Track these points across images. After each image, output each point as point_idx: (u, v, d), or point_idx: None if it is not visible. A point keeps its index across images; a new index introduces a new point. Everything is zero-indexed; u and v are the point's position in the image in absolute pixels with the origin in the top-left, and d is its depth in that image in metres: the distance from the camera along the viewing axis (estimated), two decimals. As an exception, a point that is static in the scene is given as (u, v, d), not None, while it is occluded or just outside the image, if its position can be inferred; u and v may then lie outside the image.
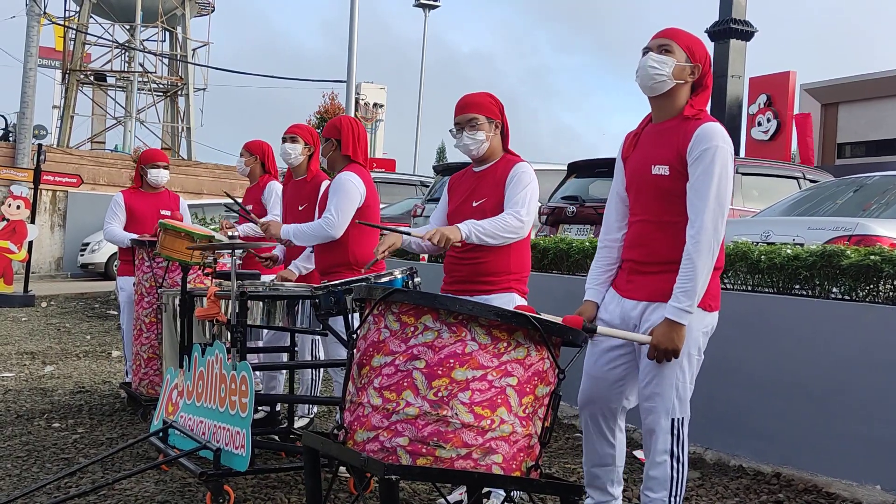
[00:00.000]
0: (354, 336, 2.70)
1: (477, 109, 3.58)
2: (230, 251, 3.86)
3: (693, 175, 2.79)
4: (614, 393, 3.02)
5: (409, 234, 3.48)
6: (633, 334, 2.86)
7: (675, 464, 2.87)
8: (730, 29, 16.60)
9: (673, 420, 2.86)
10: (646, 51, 2.93)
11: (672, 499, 2.88)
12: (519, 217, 3.45)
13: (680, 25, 3.03)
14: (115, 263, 15.57)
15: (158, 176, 6.00)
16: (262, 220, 4.65)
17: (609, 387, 3.02)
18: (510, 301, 3.54)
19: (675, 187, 2.84)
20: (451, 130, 3.67)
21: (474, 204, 3.61)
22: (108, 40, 34.30)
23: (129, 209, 5.98)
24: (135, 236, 5.76)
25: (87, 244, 17.75)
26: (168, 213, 5.96)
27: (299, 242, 4.40)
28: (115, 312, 11.25)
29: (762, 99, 19.42)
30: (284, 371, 5.15)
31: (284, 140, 4.98)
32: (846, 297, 4.27)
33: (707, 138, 2.78)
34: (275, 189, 5.47)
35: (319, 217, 4.36)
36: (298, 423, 4.92)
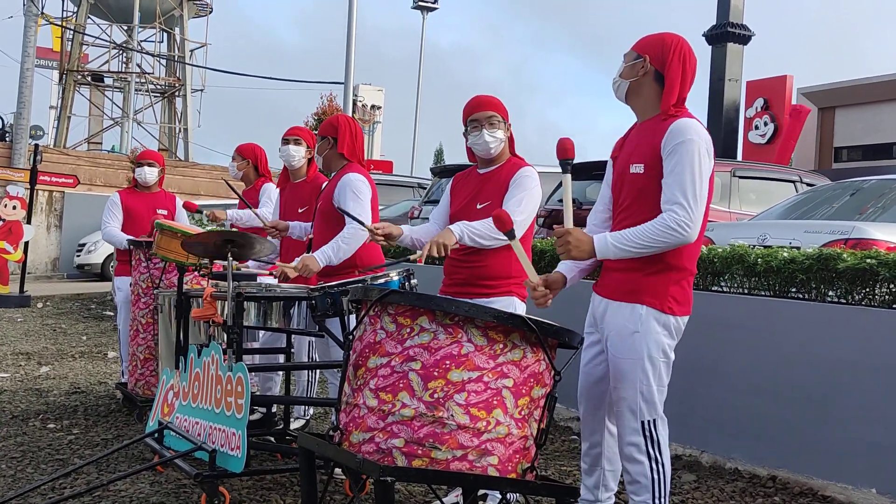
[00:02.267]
0: (350, 337, 2.69)
1: (495, 108, 3.59)
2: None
3: (667, 167, 2.78)
4: (597, 392, 3.04)
5: (408, 260, 3.46)
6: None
7: (653, 465, 2.87)
8: (727, 33, 16.62)
9: (643, 422, 2.86)
10: None
11: (656, 500, 2.88)
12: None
13: (678, 30, 3.04)
14: (112, 264, 15.58)
15: (143, 174, 6.01)
16: (298, 260, 4.21)
17: (592, 385, 3.06)
18: (510, 305, 3.53)
19: (649, 186, 2.84)
20: (466, 129, 3.63)
21: (479, 206, 3.58)
22: (106, 41, 34.30)
23: (125, 209, 5.99)
24: (132, 238, 5.76)
25: (84, 245, 17.74)
26: (164, 212, 5.97)
27: (344, 257, 4.20)
28: (112, 313, 11.23)
29: (759, 102, 19.47)
30: (281, 372, 5.15)
31: (287, 142, 4.95)
32: (842, 301, 4.27)
33: (680, 133, 2.77)
34: (268, 190, 5.46)
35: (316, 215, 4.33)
36: (294, 425, 4.91)
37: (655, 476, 2.87)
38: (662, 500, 2.88)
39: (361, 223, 3.65)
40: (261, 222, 4.87)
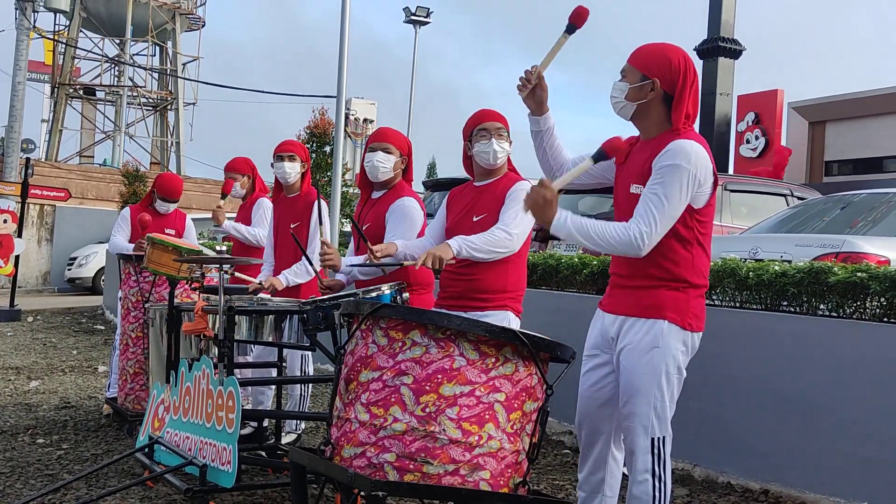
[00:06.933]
0: (342, 351, 2.69)
1: (504, 122, 3.66)
2: (218, 266, 3.84)
3: (651, 181, 2.74)
4: (602, 416, 2.98)
5: (402, 265, 3.47)
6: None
7: (657, 483, 2.82)
8: (718, 47, 16.75)
9: (653, 439, 2.82)
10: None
11: None
12: (508, 232, 3.44)
13: (668, 43, 3.00)
14: (103, 277, 15.57)
15: (167, 209, 6.02)
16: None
17: (596, 409, 2.99)
18: (504, 319, 3.52)
19: None
20: (470, 138, 3.65)
21: (475, 219, 3.60)
22: (98, 54, 34.32)
23: (134, 225, 5.97)
24: (121, 252, 5.74)
25: (75, 258, 17.71)
26: (172, 231, 5.93)
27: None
28: (102, 327, 11.19)
29: (750, 117, 19.58)
30: (273, 386, 5.12)
31: (282, 158, 4.91)
32: (833, 314, 4.28)
33: (674, 155, 2.72)
34: (263, 205, 5.43)
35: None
36: (286, 439, 4.89)
37: (657, 494, 2.83)
38: None
39: (372, 250, 3.61)
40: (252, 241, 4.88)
